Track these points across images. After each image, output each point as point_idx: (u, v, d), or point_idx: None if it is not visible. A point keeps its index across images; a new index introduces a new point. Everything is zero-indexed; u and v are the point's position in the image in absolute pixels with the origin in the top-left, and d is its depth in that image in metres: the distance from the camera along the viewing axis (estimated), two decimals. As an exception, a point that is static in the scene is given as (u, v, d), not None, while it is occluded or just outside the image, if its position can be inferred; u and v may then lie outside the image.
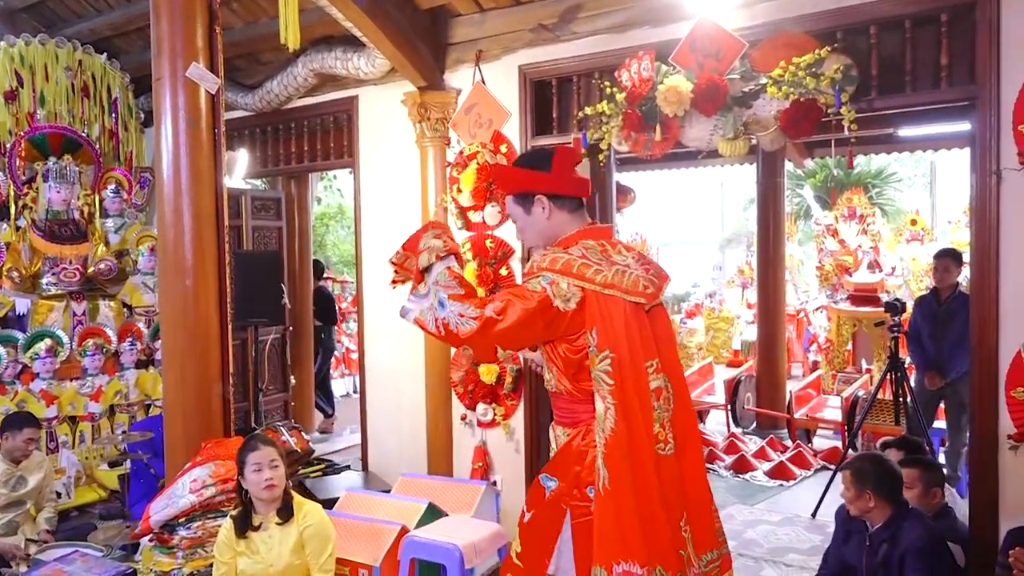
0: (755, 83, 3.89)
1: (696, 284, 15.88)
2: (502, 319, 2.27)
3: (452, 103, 5.14)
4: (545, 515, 2.44)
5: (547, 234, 2.49)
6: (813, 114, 3.75)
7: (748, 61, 3.92)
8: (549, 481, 2.46)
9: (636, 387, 2.29)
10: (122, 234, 6.27)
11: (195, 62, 3.70)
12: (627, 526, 2.22)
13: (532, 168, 2.51)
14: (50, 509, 4.89)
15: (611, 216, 5.75)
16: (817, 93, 3.72)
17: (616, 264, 2.39)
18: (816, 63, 3.71)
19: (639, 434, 2.27)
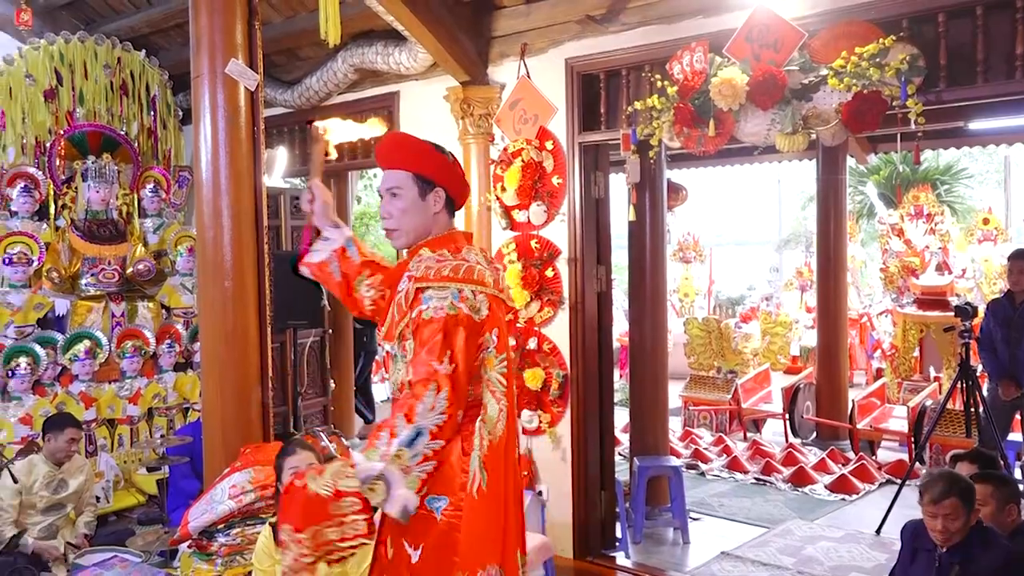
0: (815, 75, 3.84)
1: (751, 287, 15.70)
2: (456, 364, 2.14)
3: (496, 98, 5.16)
4: (441, 545, 2.18)
5: (425, 229, 2.38)
6: (877, 107, 3.68)
7: (807, 52, 3.87)
8: (437, 502, 2.19)
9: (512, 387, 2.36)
10: (160, 234, 6.41)
11: (234, 58, 3.77)
12: (495, 530, 2.23)
13: (447, 158, 2.45)
14: (90, 513, 5.02)
15: (662, 215, 5.72)
16: (881, 85, 3.66)
17: (491, 266, 2.39)
18: (880, 53, 3.65)
19: (515, 434, 2.33)
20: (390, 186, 2.35)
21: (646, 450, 5.69)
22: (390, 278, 2.53)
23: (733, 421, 8.15)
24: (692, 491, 6.16)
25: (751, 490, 6.42)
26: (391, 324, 2.35)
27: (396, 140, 2.47)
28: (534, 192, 5.00)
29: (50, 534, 4.79)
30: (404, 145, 2.43)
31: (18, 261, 5.65)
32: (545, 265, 5.00)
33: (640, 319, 5.79)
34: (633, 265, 5.77)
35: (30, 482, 4.71)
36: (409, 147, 2.42)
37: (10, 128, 5.92)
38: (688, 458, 7.13)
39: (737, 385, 8.20)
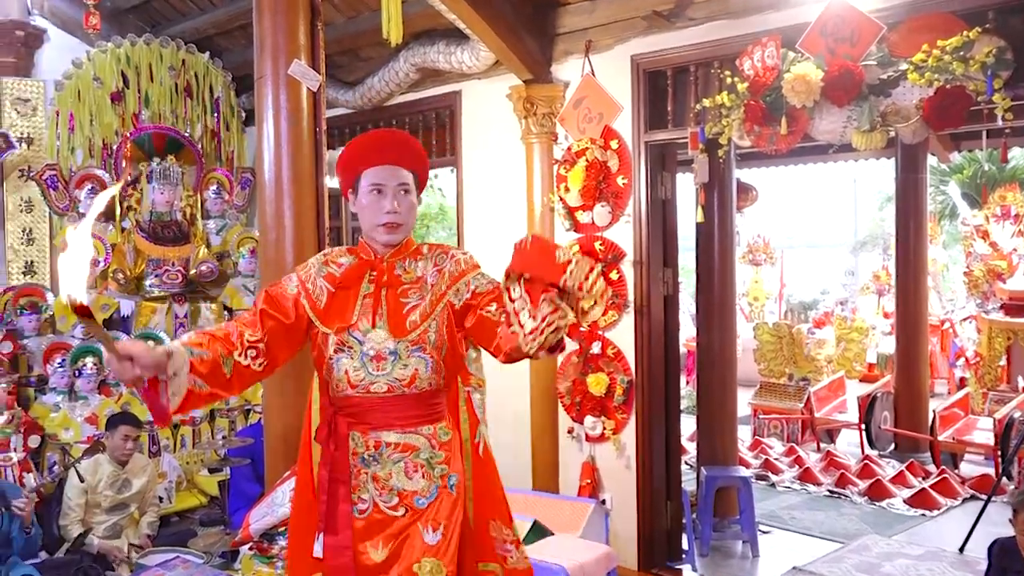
0: (894, 69, 3.77)
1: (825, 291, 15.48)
2: None
3: (560, 97, 5.16)
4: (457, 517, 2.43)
5: (412, 228, 2.55)
6: (961, 102, 3.59)
7: (886, 45, 3.79)
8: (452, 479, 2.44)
9: None
10: (223, 236, 6.57)
11: (297, 59, 3.83)
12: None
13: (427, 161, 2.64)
14: (152, 514, 5.16)
15: (731, 217, 5.67)
16: (966, 79, 3.56)
17: None
18: (964, 46, 3.56)
19: None
20: (403, 183, 2.40)
21: (714, 459, 5.64)
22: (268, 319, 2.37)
23: (805, 431, 8.03)
24: (762, 503, 6.09)
25: (824, 503, 6.32)
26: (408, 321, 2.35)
27: (406, 138, 2.54)
28: (598, 193, 4.99)
29: (114, 533, 4.94)
30: (413, 145, 2.52)
31: (85, 262, 5.83)
32: (610, 268, 4.99)
33: (708, 324, 5.74)
34: (701, 268, 5.72)
35: (95, 481, 4.86)
36: (417, 148, 2.53)
37: (79, 131, 6.15)
38: (758, 468, 7.05)
39: (810, 393, 8.08)
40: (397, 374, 2.34)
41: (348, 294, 2.39)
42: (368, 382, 2.34)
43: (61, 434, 5.54)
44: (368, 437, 2.36)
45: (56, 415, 5.58)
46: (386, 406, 2.36)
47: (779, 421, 8.11)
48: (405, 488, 2.34)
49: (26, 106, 6.27)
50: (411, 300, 2.37)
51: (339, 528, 2.34)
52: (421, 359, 2.35)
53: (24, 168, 6.24)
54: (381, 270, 2.39)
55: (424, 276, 2.40)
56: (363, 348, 2.33)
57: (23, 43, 6.31)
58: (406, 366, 2.34)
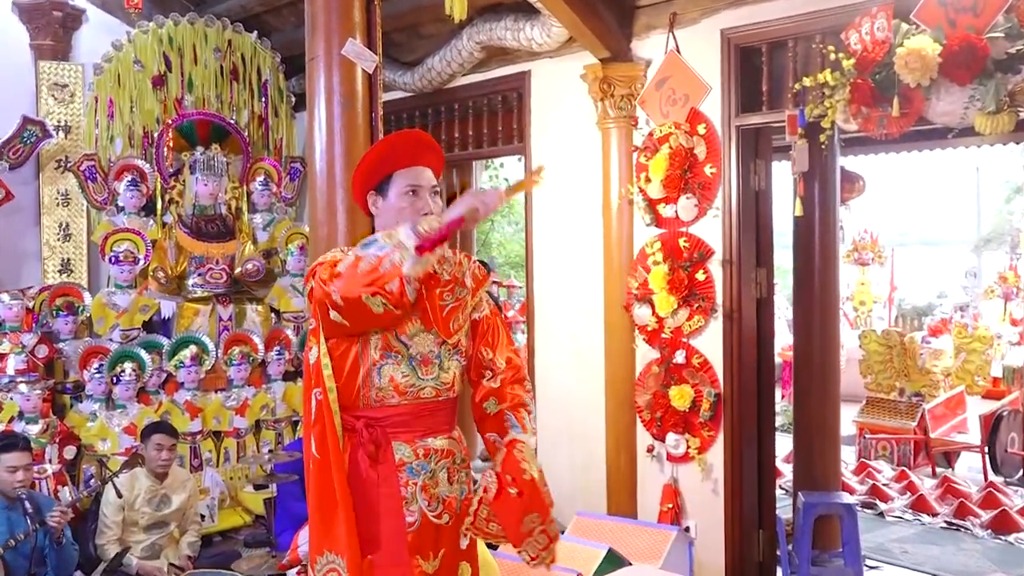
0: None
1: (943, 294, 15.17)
2: None
3: (640, 77, 5.14)
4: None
5: None
6: (1104, 79, 3.48)
7: (1015, 15, 3.69)
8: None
9: None
10: (271, 231, 6.69)
11: (352, 38, 3.88)
12: None
13: None
14: (194, 533, 5.29)
15: (834, 210, 5.58)
16: (1110, 52, 3.45)
17: None
18: (1108, 14, 3.45)
19: None
20: (434, 185, 2.61)
21: (813, 484, 5.56)
22: None
23: (919, 453, 7.88)
24: (868, 534, 5.99)
25: (941, 536, 6.19)
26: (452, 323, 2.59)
27: (434, 141, 2.72)
28: (683, 183, 4.95)
29: (153, 554, 5.07)
30: (439, 149, 2.72)
31: (125, 259, 6.01)
32: (695, 267, 4.95)
33: (807, 331, 5.66)
34: (799, 268, 5.64)
35: (132, 497, 4.99)
36: (441, 152, 2.74)
37: (118, 118, 6.33)
38: (864, 495, 6.93)
39: (924, 411, 7.93)
40: (443, 378, 2.56)
41: None
42: (418, 388, 2.52)
43: (98, 445, 5.71)
44: (416, 446, 2.52)
45: (93, 424, 5.74)
46: (435, 412, 2.57)
47: (888, 442, 7.97)
48: (448, 494, 2.55)
49: (64, 92, 6.49)
50: (448, 302, 2.57)
51: (392, 544, 2.46)
52: (458, 363, 2.61)
53: (61, 159, 6.46)
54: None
55: (457, 278, 2.61)
56: (410, 352, 2.49)
57: (61, 24, 6.52)
58: (447, 370, 2.57)
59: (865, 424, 8.21)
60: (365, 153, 2.73)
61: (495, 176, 13.90)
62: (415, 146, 2.61)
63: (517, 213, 14.50)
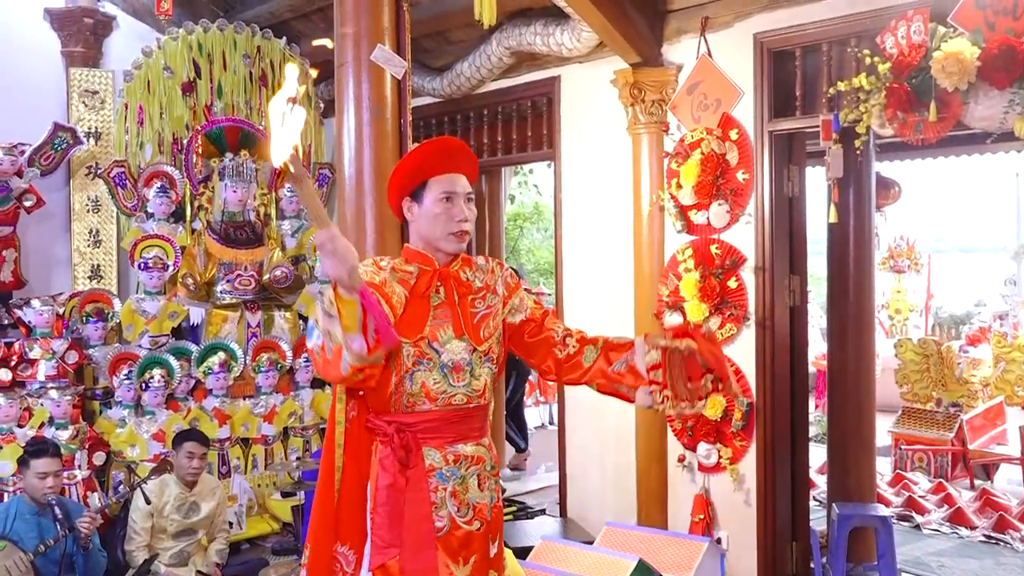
0: (1066, 45, 3.62)
1: (982, 303, 15.01)
2: None
3: (672, 81, 5.13)
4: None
5: None
6: None
7: (1056, 17, 3.65)
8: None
9: None
10: (299, 237, 6.73)
11: (380, 44, 3.90)
12: None
13: None
14: (222, 540, 5.32)
15: (869, 216, 5.53)
16: None
17: None
18: None
19: None
20: (469, 192, 2.63)
21: (848, 495, 5.51)
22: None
23: (956, 465, 7.78)
24: (904, 547, 5.92)
25: (980, 550, 6.10)
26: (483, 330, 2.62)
27: (468, 147, 2.75)
28: (715, 189, 4.93)
29: (181, 561, 5.11)
30: (473, 155, 2.75)
31: (154, 266, 6.07)
32: (727, 275, 4.92)
33: (841, 339, 5.62)
34: (833, 275, 5.60)
35: (161, 504, 5.04)
36: (475, 157, 2.76)
37: (148, 124, 6.41)
38: (900, 507, 6.86)
39: (962, 421, 7.83)
40: (474, 385, 2.58)
41: (422, 303, 2.55)
42: (449, 394, 2.54)
43: (127, 451, 5.76)
44: (446, 452, 2.55)
45: (122, 431, 5.80)
46: (465, 419, 2.59)
47: (925, 453, 7.88)
48: (479, 501, 2.58)
49: (94, 98, 6.57)
50: (479, 309, 2.63)
51: (421, 549, 2.50)
52: (489, 370, 2.63)
53: (91, 165, 6.55)
54: (449, 277, 2.60)
55: (489, 286, 2.68)
56: (441, 359, 2.52)
57: (92, 31, 6.62)
58: (479, 377, 2.59)
59: (901, 435, 8.12)
60: (400, 159, 2.76)
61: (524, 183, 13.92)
62: (450, 153, 2.64)
63: (546, 219, 14.50)
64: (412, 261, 2.60)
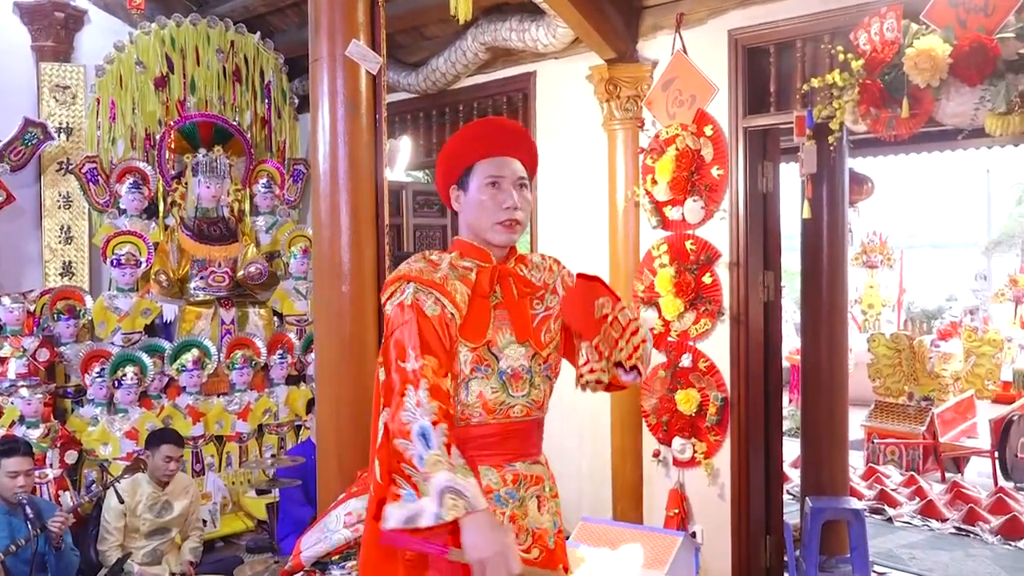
0: (1036, 42, 3.66)
1: (953, 297, 15.16)
2: None
3: (647, 78, 5.14)
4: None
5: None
6: (1116, 79, 3.48)
7: (1026, 14, 3.69)
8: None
9: None
10: (273, 234, 6.70)
11: (355, 40, 3.89)
12: None
13: None
14: (195, 539, 5.29)
15: (842, 212, 5.57)
16: (1122, 52, 3.45)
17: None
18: (1121, 14, 3.44)
19: None
20: (521, 176, 2.36)
21: (821, 489, 5.54)
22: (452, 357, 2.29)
23: (928, 458, 7.86)
24: (876, 540, 5.98)
25: (950, 542, 6.17)
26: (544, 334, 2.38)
27: (521, 128, 2.53)
28: (690, 185, 4.94)
29: (154, 560, 5.08)
30: (528, 136, 2.49)
31: (126, 263, 6.03)
32: (702, 270, 4.94)
33: (815, 334, 5.65)
34: (807, 271, 5.63)
35: (134, 503, 5.00)
36: (532, 140, 2.48)
37: (120, 120, 6.35)
38: (872, 500, 6.91)
39: (933, 415, 7.91)
40: (534, 395, 2.34)
41: (483, 303, 2.31)
42: (508, 406, 2.30)
43: (99, 450, 5.72)
44: (504, 471, 2.29)
45: (94, 429, 5.76)
46: (524, 433, 2.35)
47: (897, 447, 7.95)
48: (539, 526, 2.33)
49: (65, 93, 6.50)
50: (538, 311, 2.39)
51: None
52: (547, 378, 2.40)
53: (63, 161, 6.48)
54: (507, 274, 2.36)
55: (548, 285, 2.45)
56: (500, 366, 2.28)
57: (62, 25, 6.54)
58: (538, 386, 2.36)
59: (874, 428, 8.19)
60: (444, 144, 2.48)
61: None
62: (498, 133, 2.40)
63: (522, 215, 14.53)
64: (467, 255, 2.34)
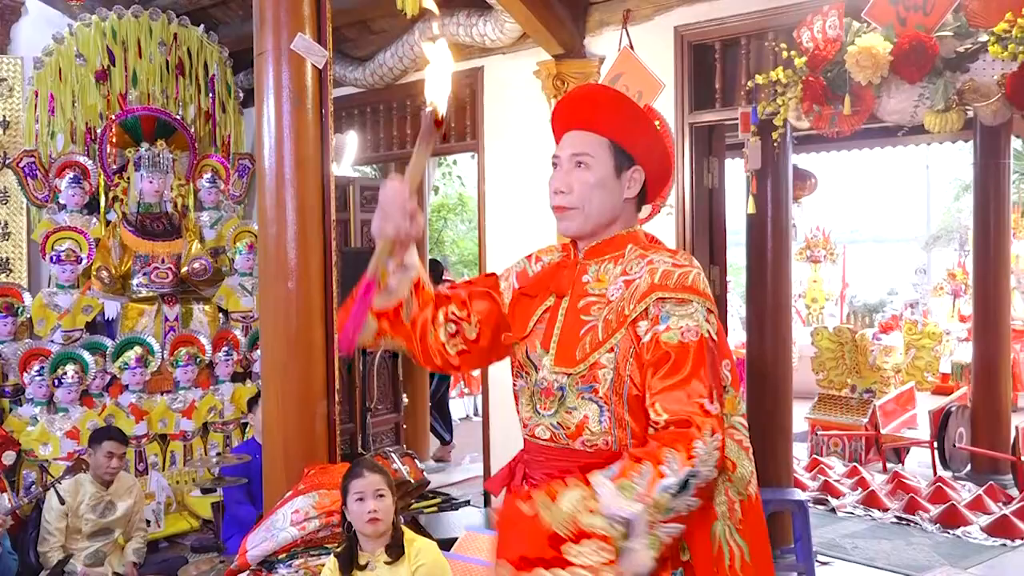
0: (973, 41, 3.74)
1: (893, 291, 15.41)
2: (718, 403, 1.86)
3: (594, 73, 5.15)
4: None
5: (610, 216, 2.07)
6: (1049, 78, 3.56)
7: (964, 14, 3.76)
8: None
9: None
10: (218, 229, 6.60)
11: (301, 33, 3.85)
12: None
13: (655, 128, 2.14)
14: (139, 539, 5.19)
15: (786, 208, 5.63)
16: (1055, 52, 3.53)
17: None
18: (1054, 14, 3.52)
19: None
20: (578, 151, 2.02)
21: (765, 481, 5.59)
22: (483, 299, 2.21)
23: (870, 449, 7.96)
24: (820, 530, 6.04)
25: (891, 531, 6.25)
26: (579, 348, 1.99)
27: (596, 93, 2.12)
28: (636, 181, 4.97)
29: (97, 561, 4.98)
30: (606, 101, 2.06)
31: (66, 259, 5.90)
32: (649, 265, 4.97)
33: (760, 328, 5.71)
34: (752, 265, 5.68)
35: (76, 503, 4.90)
36: (613, 104, 2.06)
37: (59, 113, 6.20)
38: (816, 491, 6.99)
39: (875, 407, 8.01)
40: (562, 419, 2.00)
41: (532, 302, 2.11)
42: (533, 424, 2.07)
43: (39, 450, 5.60)
44: None
45: (33, 429, 5.63)
46: (548, 460, 2.04)
47: (840, 438, 8.04)
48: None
49: (2, 86, 6.36)
50: (591, 319, 2.00)
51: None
52: (592, 403, 1.96)
53: (0, 155, 6.32)
54: (571, 270, 2.09)
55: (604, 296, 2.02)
56: (536, 376, 2.05)
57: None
58: (573, 410, 1.98)
59: (817, 421, 8.28)
60: None
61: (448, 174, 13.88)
62: (562, 108, 2.11)
63: (471, 211, 14.49)
64: (565, 249, 2.17)
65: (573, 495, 1.77)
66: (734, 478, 1.97)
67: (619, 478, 1.76)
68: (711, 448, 1.77)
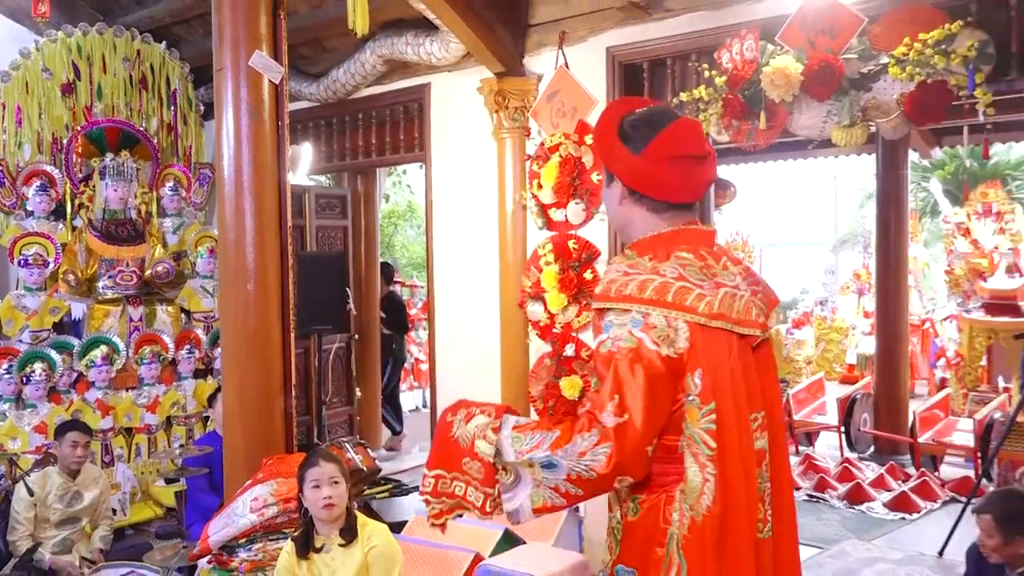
0: (875, 63, 3.81)
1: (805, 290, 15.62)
2: (628, 415, 1.81)
3: (533, 90, 5.16)
4: None
5: (623, 226, 2.11)
6: (942, 97, 3.64)
7: (867, 38, 3.83)
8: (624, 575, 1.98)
9: (741, 451, 1.87)
10: (180, 234, 6.49)
11: (258, 50, 3.80)
12: None
13: (623, 140, 2.02)
14: (106, 527, 5.09)
15: (709, 214, 5.70)
16: (947, 73, 3.61)
17: (724, 285, 1.94)
18: (946, 39, 3.60)
19: (739, 515, 1.86)
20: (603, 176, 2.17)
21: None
22: None
23: (785, 434, 8.07)
24: (740, 509, 6.11)
25: (803, 508, 6.35)
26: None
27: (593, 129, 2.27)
28: (572, 189, 4.97)
29: (64, 548, 4.86)
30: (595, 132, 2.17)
31: (34, 263, 5.76)
32: (584, 267, 4.98)
33: (685, 325, 5.76)
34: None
35: (44, 494, 4.78)
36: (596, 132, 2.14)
37: (26, 124, 6.04)
38: (736, 473, 7.07)
39: (789, 395, 8.13)
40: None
41: None
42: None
43: (8, 444, 5.45)
44: None
45: (2, 424, 5.49)
46: None
47: (758, 424, 8.15)
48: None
49: (-30, 98, 6.16)
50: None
51: None
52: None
53: (-32, 164, 6.14)
54: None
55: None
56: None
57: (-33, 32, 6.21)
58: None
59: (737, 409, 8.38)
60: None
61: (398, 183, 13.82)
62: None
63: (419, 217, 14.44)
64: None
65: (481, 420, 1.97)
66: (686, 489, 1.88)
67: (519, 428, 1.93)
68: (582, 447, 1.82)
